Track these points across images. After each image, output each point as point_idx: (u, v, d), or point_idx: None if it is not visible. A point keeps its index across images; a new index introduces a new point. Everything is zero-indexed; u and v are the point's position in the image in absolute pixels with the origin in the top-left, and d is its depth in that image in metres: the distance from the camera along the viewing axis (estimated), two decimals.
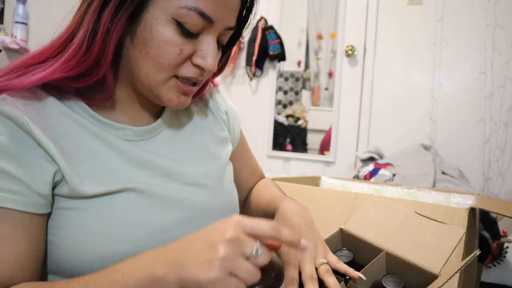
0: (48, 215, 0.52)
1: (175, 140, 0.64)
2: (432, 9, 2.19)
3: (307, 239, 0.59)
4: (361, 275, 0.53)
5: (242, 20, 0.58)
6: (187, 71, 0.55)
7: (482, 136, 2.09)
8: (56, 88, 0.54)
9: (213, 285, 0.40)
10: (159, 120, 0.63)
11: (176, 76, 0.55)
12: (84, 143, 0.54)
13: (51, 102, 0.53)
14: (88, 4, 0.51)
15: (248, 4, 0.57)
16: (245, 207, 0.84)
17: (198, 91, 0.66)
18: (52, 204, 0.52)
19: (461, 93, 2.15)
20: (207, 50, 0.54)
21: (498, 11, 2.05)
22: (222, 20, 0.54)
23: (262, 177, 0.88)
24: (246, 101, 2.66)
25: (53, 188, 0.51)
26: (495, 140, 2.07)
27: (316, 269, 0.56)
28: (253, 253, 0.42)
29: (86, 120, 0.55)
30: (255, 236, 0.43)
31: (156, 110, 0.65)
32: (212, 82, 0.75)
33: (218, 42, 0.57)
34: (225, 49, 0.61)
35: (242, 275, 0.41)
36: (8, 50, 1.77)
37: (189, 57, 0.54)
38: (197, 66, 0.55)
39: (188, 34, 0.52)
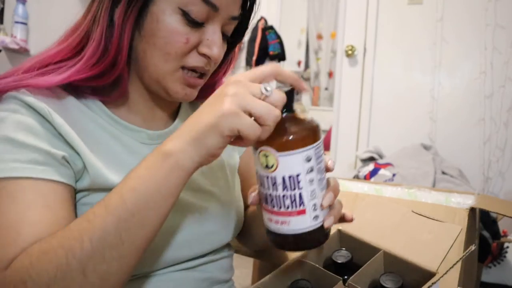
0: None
1: None
2: (432, 8, 2.19)
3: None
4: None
5: (246, 13, 0.60)
6: (194, 61, 0.56)
7: (482, 136, 2.09)
8: (73, 88, 0.55)
9: (227, 120, 0.40)
10: (172, 126, 0.64)
11: (183, 68, 0.56)
12: (101, 141, 0.55)
13: (70, 101, 0.55)
14: (100, 4, 0.53)
15: None
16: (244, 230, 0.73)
17: (208, 91, 0.66)
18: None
19: (461, 93, 2.15)
20: (213, 39, 0.55)
21: (498, 10, 2.05)
22: (226, 8, 0.55)
23: None
24: None
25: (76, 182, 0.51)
26: (495, 140, 2.07)
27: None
28: (263, 91, 0.42)
29: (103, 120, 0.56)
30: (260, 81, 0.43)
31: (169, 114, 0.65)
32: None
33: (224, 34, 0.58)
34: (231, 41, 0.62)
35: (258, 111, 0.40)
36: (8, 50, 1.77)
37: (195, 47, 0.55)
38: (203, 55, 0.56)
39: (194, 23, 0.53)
